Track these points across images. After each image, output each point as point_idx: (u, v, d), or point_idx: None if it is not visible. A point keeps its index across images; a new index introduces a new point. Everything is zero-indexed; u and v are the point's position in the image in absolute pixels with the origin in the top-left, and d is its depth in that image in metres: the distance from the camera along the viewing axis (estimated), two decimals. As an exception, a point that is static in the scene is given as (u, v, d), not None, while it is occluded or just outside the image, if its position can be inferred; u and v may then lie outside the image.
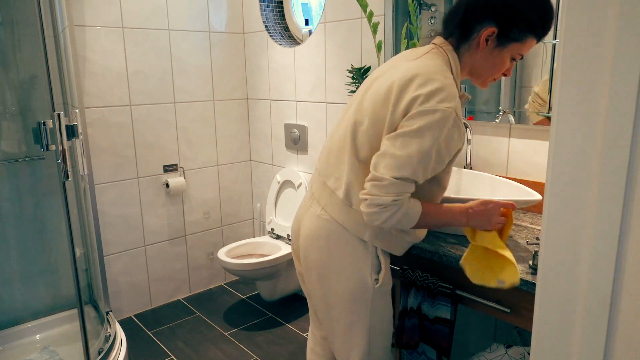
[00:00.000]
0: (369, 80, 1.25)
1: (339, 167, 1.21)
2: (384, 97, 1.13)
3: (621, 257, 0.56)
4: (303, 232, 1.29)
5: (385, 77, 1.17)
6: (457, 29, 1.15)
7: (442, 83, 1.07)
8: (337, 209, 1.21)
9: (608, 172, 0.55)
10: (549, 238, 0.63)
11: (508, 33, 1.10)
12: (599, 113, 0.55)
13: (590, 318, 0.59)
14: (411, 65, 1.13)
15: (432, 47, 1.18)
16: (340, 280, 1.23)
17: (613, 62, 0.53)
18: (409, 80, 1.09)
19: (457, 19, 1.15)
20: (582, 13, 0.55)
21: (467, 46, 1.16)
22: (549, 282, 0.64)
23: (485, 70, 1.18)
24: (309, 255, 1.27)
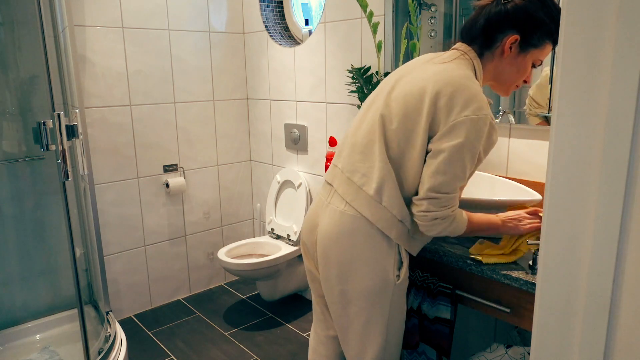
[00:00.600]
0: (392, 79, 1.26)
1: (366, 163, 1.21)
2: (417, 99, 1.15)
3: (621, 257, 0.56)
4: (323, 229, 1.27)
5: (413, 78, 1.19)
6: (479, 38, 1.20)
7: (476, 91, 1.12)
8: (365, 204, 1.20)
9: (608, 172, 0.55)
10: (549, 238, 0.63)
11: (529, 39, 1.17)
12: (599, 113, 0.55)
13: (590, 318, 0.59)
14: (442, 69, 1.16)
15: (458, 54, 1.21)
16: (363, 276, 1.23)
17: (613, 62, 0.53)
18: (444, 87, 1.12)
19: (478, 29, 1.20)
20: (582, 13, 0.55)
21: (490, 54, 1.21)
22: (549, 282, 0.64)
23: (510, 77, 1.23)
24: (329, 251, 1.25)
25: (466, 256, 1.29)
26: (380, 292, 1.24)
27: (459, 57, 1.20)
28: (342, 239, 1.23)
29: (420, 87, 1.15)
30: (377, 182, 1.18)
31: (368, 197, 1.19)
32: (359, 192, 1.21)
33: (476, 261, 1.26)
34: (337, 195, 1.26)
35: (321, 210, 1.30)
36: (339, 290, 1.27)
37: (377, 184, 1.18)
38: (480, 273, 1.24)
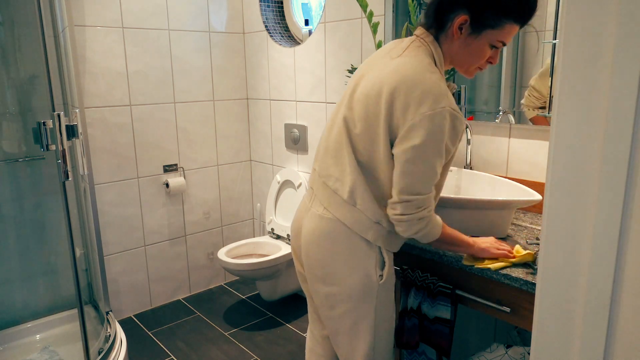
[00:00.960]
0: (356, 77, 1.24)
1: (338, 167, 1.21)
2: (374, 102, 1.13)
3: (621, 257, 0.56)
4: (305, 232, 1.28)
5: (372, 77, 1.17)
6: (433, 20, 1.15)
7: (431, 83, 1.07)
8: (340, 208, 1.21)
9: (608, 172, 0.55)
10: (549, 238, 0.63)
11: (481, 19, 1.08)
12: (599, 113, 0.55)
13: (590, 318, 0.59)
14: (397, 65, 1.13)
15: (413, 39, 1.18)
16: (345, 278, 1.23)
17: (613, 62, 0.53)
18: (398, 86, 1.09)
19: (432, 10, 1.15)
20: (582, 13, 0.55)
21: (444, 36, 1.15)
22: (549, 282, 0.64)
23: (465, 59, 1.16)
24: (311, 254, 1.27)
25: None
26: (364, 293, 1.23)
27: (416, 47, 1.15)
28: (322, 243, 1.24)
29: (377, 88, 1.13)
30: (349, 186, 1.18)
31: (342, 201, 1.20)
32: (333, 196, 1.22)
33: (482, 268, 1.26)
34: (316, 200, 1.27)
35: (304, 214, 1.31)
36: (324, 292, 1.28)
37: (349, 188, 1.18)
38: (480, 273, 1.24)
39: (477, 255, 1.26)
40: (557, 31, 1.54)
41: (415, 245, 1.37)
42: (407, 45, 1.17)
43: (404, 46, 1.18)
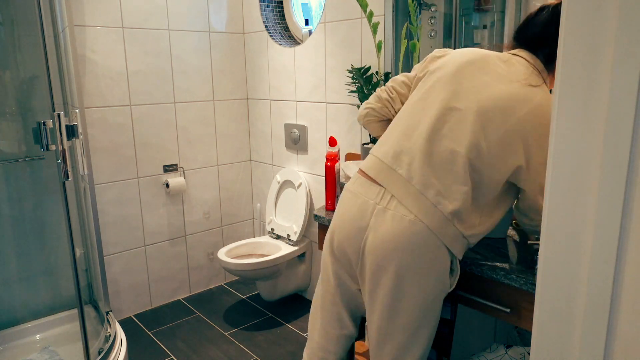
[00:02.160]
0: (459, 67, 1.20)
1: (442, 180, 1.15)
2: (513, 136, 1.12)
3: (621, 257, 0.56)
4: (381, 235, 1.17)
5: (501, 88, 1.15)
6: (549, 45, 1.16)
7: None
8: (436, 220, 1.14)
9: (608, 172, 0.55)
10: (549, 238, 0.63)
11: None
12: (599, 113, 0.55)
13: (590, 318, 0.59)
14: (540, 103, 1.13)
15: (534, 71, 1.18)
16: (421, 288, 1.18)
17: (613, 63, 0.53)
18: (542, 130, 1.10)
19: (548, 41, 1.15)
20: (582, 13, 0.55)
21: (552, 67, 1.17)
22: (549, 282, 0.64)
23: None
24: (388, 261, 1.17)
25: (466, 256, 1.29)
26: (434, 302, 1.20)
27: (543, 84, 1.15)
28: (407, 249, 1.15)
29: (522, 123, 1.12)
30: (456, 207, 1.13)
31: (441, 215, 1.14)
32: (432, 209, 1.14)
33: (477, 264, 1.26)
34: (396, 202, 1.17)
35: (371, 214, 1.19)
36: (390, 299, 1.20)
37: (455, 209, 1.13)
38: (480, 273, 1.24)
39: None
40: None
41: (415, 245, 1.37)
42: (535, 79, 1.16)
43: (534, 78, 1.16)
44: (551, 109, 1.07)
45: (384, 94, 1.37)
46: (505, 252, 1.32)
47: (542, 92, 1.14)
